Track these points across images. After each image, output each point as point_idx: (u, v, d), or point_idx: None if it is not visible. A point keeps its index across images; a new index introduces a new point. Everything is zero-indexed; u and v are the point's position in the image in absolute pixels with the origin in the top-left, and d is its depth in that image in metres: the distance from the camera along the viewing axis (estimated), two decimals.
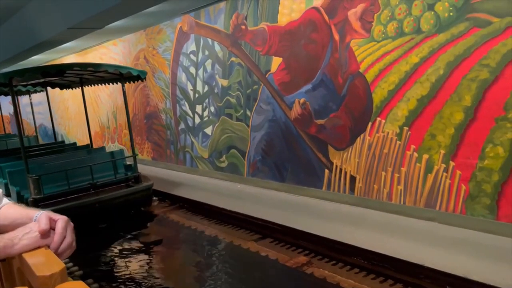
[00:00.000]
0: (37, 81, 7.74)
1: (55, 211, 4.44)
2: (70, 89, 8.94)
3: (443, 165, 4.20)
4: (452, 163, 4.13)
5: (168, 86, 8.43)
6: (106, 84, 7.74)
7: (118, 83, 7.24)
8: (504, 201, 3.81)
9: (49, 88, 9.15)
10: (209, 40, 7.07)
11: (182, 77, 7.90)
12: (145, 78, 6.60)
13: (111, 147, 10.98)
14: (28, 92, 10.53)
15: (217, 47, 6.93)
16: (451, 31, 3.99)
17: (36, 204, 5.44)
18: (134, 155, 6.78)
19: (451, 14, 3.97)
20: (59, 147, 8.70)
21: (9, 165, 6.66)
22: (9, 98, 14.83)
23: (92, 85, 8.25)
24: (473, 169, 3.98)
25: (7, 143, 10.64)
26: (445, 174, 4.20)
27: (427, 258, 3.63)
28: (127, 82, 6.95)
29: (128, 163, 7.10)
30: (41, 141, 12.69)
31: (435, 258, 3.62)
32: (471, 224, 4.01)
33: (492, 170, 3.84)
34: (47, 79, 7.61)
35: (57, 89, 9.04)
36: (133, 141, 6.99)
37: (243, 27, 6.31)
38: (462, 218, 4.09)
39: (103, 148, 8.32)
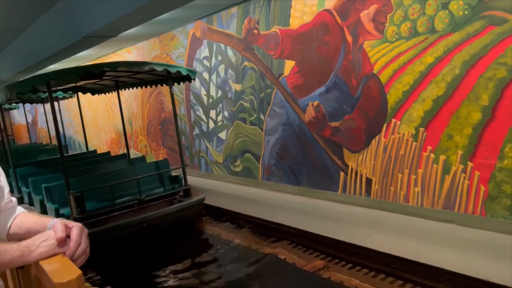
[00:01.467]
0: (69, 85, 7.21)
1: (100, 231, 4.60)
2: (97, 95, 8.50)
3: (461, 166, 4.12)
4: (470, 164, 4.05)
5: (182, 92, 8.49)
6: (145, 87, 7.27)
7: (155, 85, 6.80)
8: None
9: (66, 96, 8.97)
10: (222, 45, 7.10)
11: (196, 82, 7.94)
12: (194, 79, 6.08)
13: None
14: (57, 99, 9.75)
15: (229, 52, 6.96)
16: (466, 30, 3.93)
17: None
18: (184, 166, 5.99)
19: (465, 12, 3.91)
20: (93, 158, 8.05)
21: (45, 179, 5.93)
22: (22, 105, 15.03)
23: (128, 89, 7.73)
24: (492, 170, 3.90)
25: (36, 153, 10.04)
26: (463, 175, 4.13)
27: (447, 260, 3.57)
28: (175, 84, 6.27)
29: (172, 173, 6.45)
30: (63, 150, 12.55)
31: (454, 260, 3.55)
32: (491, 226, 3.92)
33: None
34: (82, 83, 7.05)
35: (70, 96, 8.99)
36: (181, 149, 6.19)
37: (255, 31, 6.33)
38: (481, 219, 4.01)
39: (143, 158, 7.64)
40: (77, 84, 7.24)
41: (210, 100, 7.71)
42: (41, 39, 8.30)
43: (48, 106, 14.40)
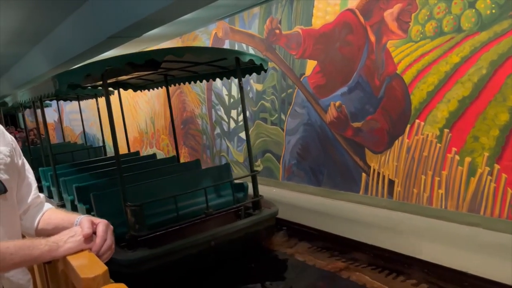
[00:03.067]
0: (110, 80, 5.95)
1: (162, 253, 3.96)
2: (140, 91, 7.81)
3: (487, 168, 4.03)
4: (497, 166, 3.95)
5: (204, 92, 8.55)
6: (200, 81, 6.42)
7: (213, 79, 5.97)
8: None
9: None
10: (244, 45, 7.12)
11: (217, 82, 7.99)
12: (266, 70, 5.28)
13: (149, 152, 11.24)
14: (96, 96, 9.23)
15: (251, 52, 6.98)
16: (493, 29, 3.83)
17: (136, 241, 3.98)
18: (254, 173, 4.97)
19: (493, 11, 3.81)
20: (138, 160, 7.09)
21: (91, 187, 5.06)
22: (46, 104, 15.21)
23: (178, 84, 6.93)
24: None
25: (73, 155, 9.09)
26: (489, 177, 4.03)
27: (471, 265, 3.49)
28: (244, 76, 5.46)
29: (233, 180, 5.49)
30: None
31: (479, 265, 3.47)
32: None
33: None
34: (125, 78, 6.22)
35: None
36: (251, 155, 5.15)
37: (277, 31, 6.32)
38: (508, 223, 3.90)
39: (197, 162, 6.53)
40: (119, 79, 6.45)
41: (232, 100, 7.74)
42: (67, 40, 8.49)
43: (72, 104, 14.67)
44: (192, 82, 6.66)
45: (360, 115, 5.23)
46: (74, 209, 5.24)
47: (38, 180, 6.70)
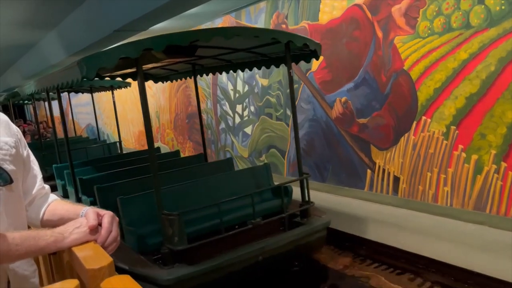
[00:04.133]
0: (127, 71, 5.49)
1: (205, 270, 3.32)
2: (162, 82, 6.95)
3: (494, 166, 4.00)
4: (504, 164, 3.92)
5: (209, 86, 8.54)
6: (233, 71, 5.55)
7: (248, 69, 5.13)
8: None
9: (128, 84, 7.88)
10: None
11: (223, 77, 7.98)
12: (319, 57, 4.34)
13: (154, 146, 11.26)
14: (112, 88, 8.49)
15: None
16: (503, 26, 3.79)
17: (173, 255, 3.29)
18: (305, 176, 4.09)
19: (502, 7, 3.77)
20: (160, 158, 6.12)
21: (114, 188, 4.32)
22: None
23: (206, 74, 6.14)
24: None
25: (87, 150, 8.28)
26: (496, 175, 4.00)
27: (477, 263, 3.48)
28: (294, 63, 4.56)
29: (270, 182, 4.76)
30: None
31: (485, 263, 3.45)
32: None
33: None
34: (148, 67, 5.49)
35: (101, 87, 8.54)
36: (300, 157, 4.19)
37: (283, 26, 6.29)
38: None
39: (229, 162, 5.56)
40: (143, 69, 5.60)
41: (237, 95, 7.72)
42: (74, 33, 8.49)
43: (76, 97, 14.62)
44: (198, 78, 6.57)
45: (366, 111, 5.20)
46: None
47: (51, 178, 6.16)
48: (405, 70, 4.67)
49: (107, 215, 1.35)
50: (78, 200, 5.08)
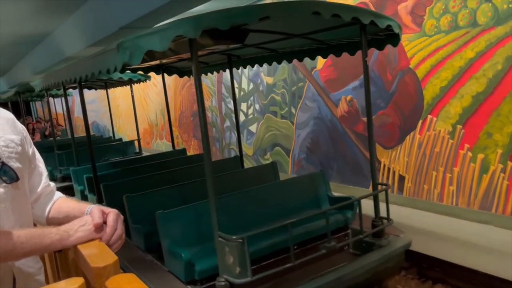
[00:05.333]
0: (153, 63, 5.01)
1: None
2: (180, 77, 6.25)
3: (500, 166, 3.97)
4: (510, 163, 3.89)
5: (214, 84, 8.54)
6: (277, 62, 4.81)
7: (297, 59, 4.49)
8: None
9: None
10: None
11: (228, 75, 7.96)
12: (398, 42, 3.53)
13: (159, 144, 11.30)
14: (131, 82, 7.95)
15: None
16: (510, 24, 3.75)
17: None
18: (383, 190, 3.36)
19: (510, 5, 3.73)
20: (189, 162, 5.45)
21: (146, 199, 3.69)
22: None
23: (244, 67, 5.44)
24: None
25: (109, 149, 7.66)
26: (502, 175, 3.97)
27: (482, 263, 3.46)
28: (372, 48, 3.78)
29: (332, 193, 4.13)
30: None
31: (490, 263, 3.43)
32: None
33: None
34: (172, 59, 4.53)
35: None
36: (374, 164, 3.46)
37: None
38: None
39: (273, 166, 4.71)
40: (163, 62, 5.06)
41: (242, 93, 7.72)
42: (79, 30, 8.51)
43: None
44: (203, 76, 6.49)
45: (372, 110, 5.17)
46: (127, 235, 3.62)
47: (65, 179, 6.13)
48: (411, 68, 4.65)
49: (112, 213, 1.35)
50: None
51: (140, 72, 6.11)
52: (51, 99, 10.67)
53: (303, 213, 3.29)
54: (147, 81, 8.10)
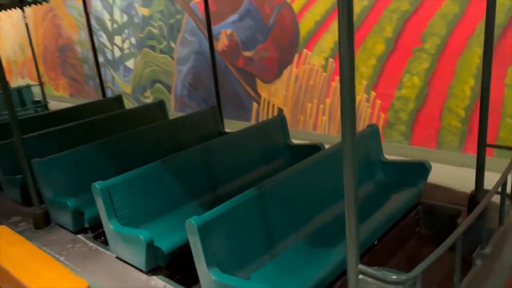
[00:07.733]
0: None
1: None
2: None
3: (365, 95, 4.39)
4: (373, 93, 4.33)
5: (82, 15, 7.70)
6: None
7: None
8: (417, 128, 4.13)
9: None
10: None
11: (97, 5, 7.22)
12: None
13: (20, 82, 10.04)
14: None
15: None
16: None
17: None
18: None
19: None
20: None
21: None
22: None
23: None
24: (391, 99, 4.22)
25: None
26: (366, 104, 4.41)
27: None
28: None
29: None
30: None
31: None
32: (388, 150, 4.31)
33: (408, 99, 4.10)
34: None
35: None
36: (486, 121, 2.20)
37: None
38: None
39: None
40: None
41: (115, 25, 7.11)
42: None
43: None
44: (68, 5, 5.88)
45: (251, 44, 5.22)
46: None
47: None
48: (287, 2, 4.72)
49: None
50: (40, 201, 2.83)
51: None
52: None
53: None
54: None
